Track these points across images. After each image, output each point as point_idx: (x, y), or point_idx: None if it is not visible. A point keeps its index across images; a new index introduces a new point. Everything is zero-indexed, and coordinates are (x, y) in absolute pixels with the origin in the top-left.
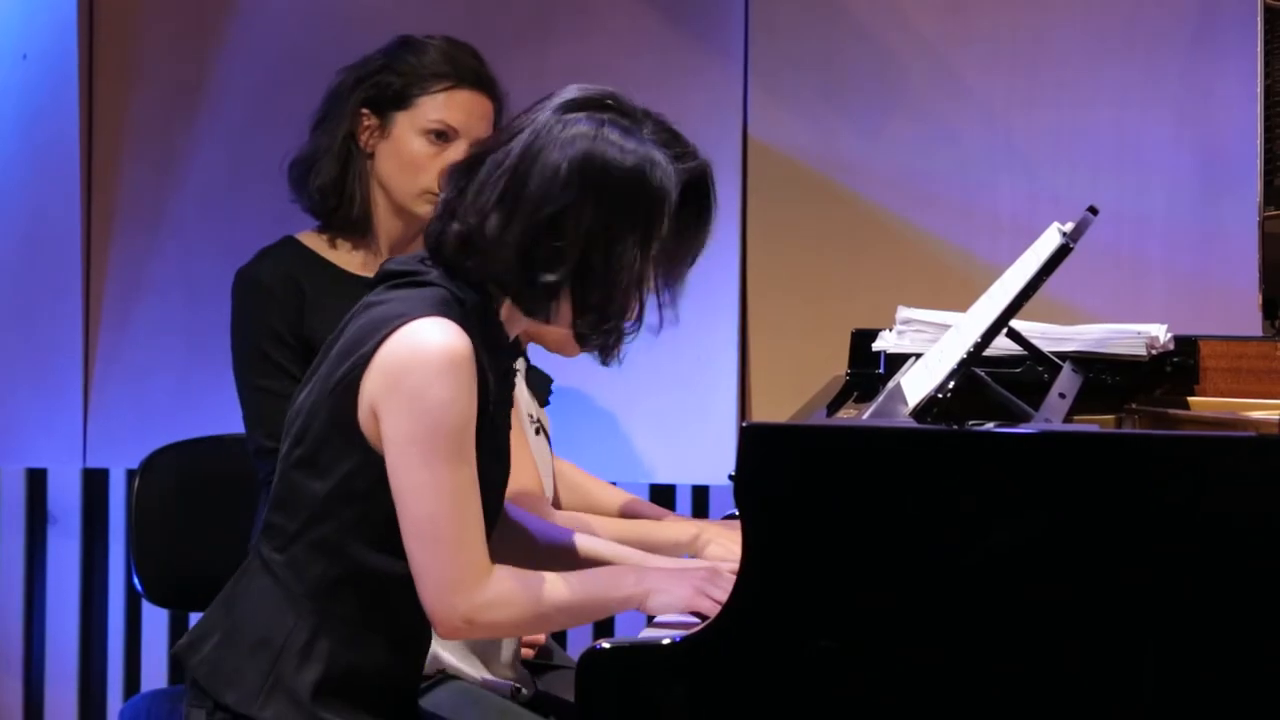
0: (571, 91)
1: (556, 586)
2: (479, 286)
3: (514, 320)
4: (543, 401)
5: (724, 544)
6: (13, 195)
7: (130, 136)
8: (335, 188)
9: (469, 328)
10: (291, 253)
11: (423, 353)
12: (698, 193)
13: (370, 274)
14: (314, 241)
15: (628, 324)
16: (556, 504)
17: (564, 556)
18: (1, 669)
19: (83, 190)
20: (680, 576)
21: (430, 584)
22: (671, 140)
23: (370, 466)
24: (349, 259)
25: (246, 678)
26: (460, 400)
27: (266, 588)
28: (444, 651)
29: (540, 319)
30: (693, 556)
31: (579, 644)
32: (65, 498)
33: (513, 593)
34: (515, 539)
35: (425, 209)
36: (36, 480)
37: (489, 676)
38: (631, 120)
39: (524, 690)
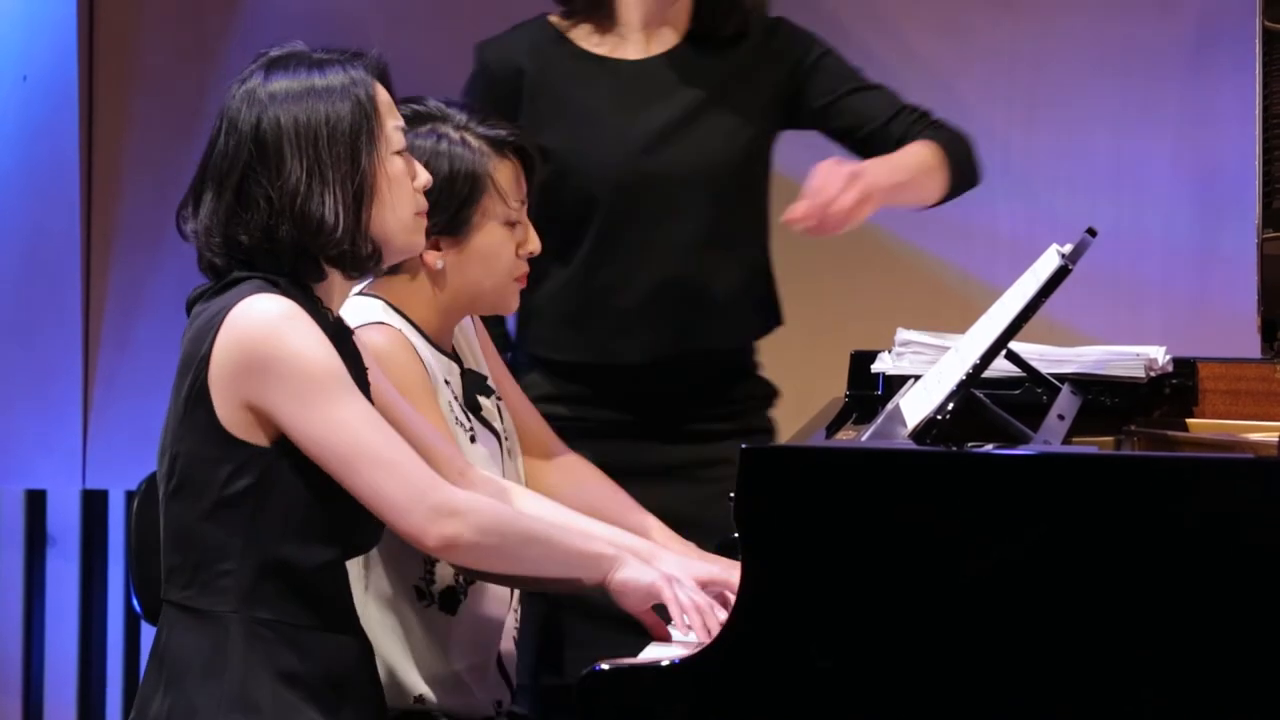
0: (250, 65)
1: (530, 520)
2: (276, 273)
3: (324, 291)
4: (474, 402)
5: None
6: (13, 215)
7: (130, 156)
8: None
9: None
10: (532, 31)
11: (259, 324)
12: (388, 82)
13: (617, 57)
14: (557, 21)
15: (390, 229)
16: None
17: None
18: (0, 690)
19: (82, 210)
20: (651, 564)
21: (398, 506)
22: (339, 53)
23: (247, 462)
24: (590, 40)
25: (202, 710)
26: (314, 343)
27: (188, 624)
28: (421, 683)
29: (311, 275)
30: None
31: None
32: (64, 519)
33: (483, 501)
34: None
35: None
36: (36, 501)
37: (463, 703)
38: (300, 56)
39: (503, 703)
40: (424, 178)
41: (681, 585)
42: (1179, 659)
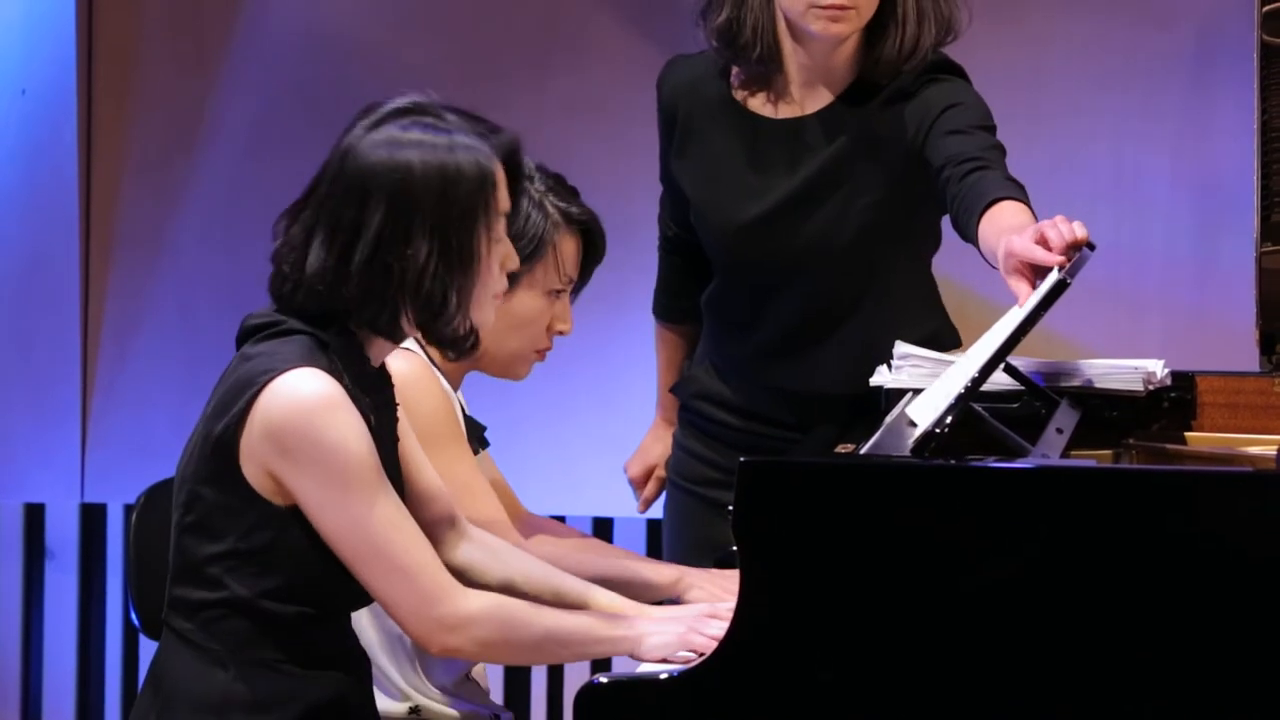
0: (376, 106)
1: (546, 611)
2: (335, 323)
3: (378, 348)
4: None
5: (707, 589)
6: (12, 229)
7: (129, 170)
8: (730, 25)
9: (336, 369)
10: (706, 63)
11: (299, 406)
12: (513, 165)
13: (763, 114)
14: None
15: (477, 313)
16: None
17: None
18: None
19: (81, 224)
20: (672, 619)
21: (405, 611)
22: (477, 123)
23: (266, 520)
24: (748, 89)
25: None
26: (352, 435)
27: (188, 657)
28: (414, 692)
29: (393, 337)
30: (676, 600)
31: (576, 679)
32: (63, 533)
33: (497, 603)
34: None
35: (817, 25)
36: (34, 515)
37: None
38: (435, 117)
39: (501, 717)
40: (513, 262)
41: (706, 624)
42: (1178, 672)
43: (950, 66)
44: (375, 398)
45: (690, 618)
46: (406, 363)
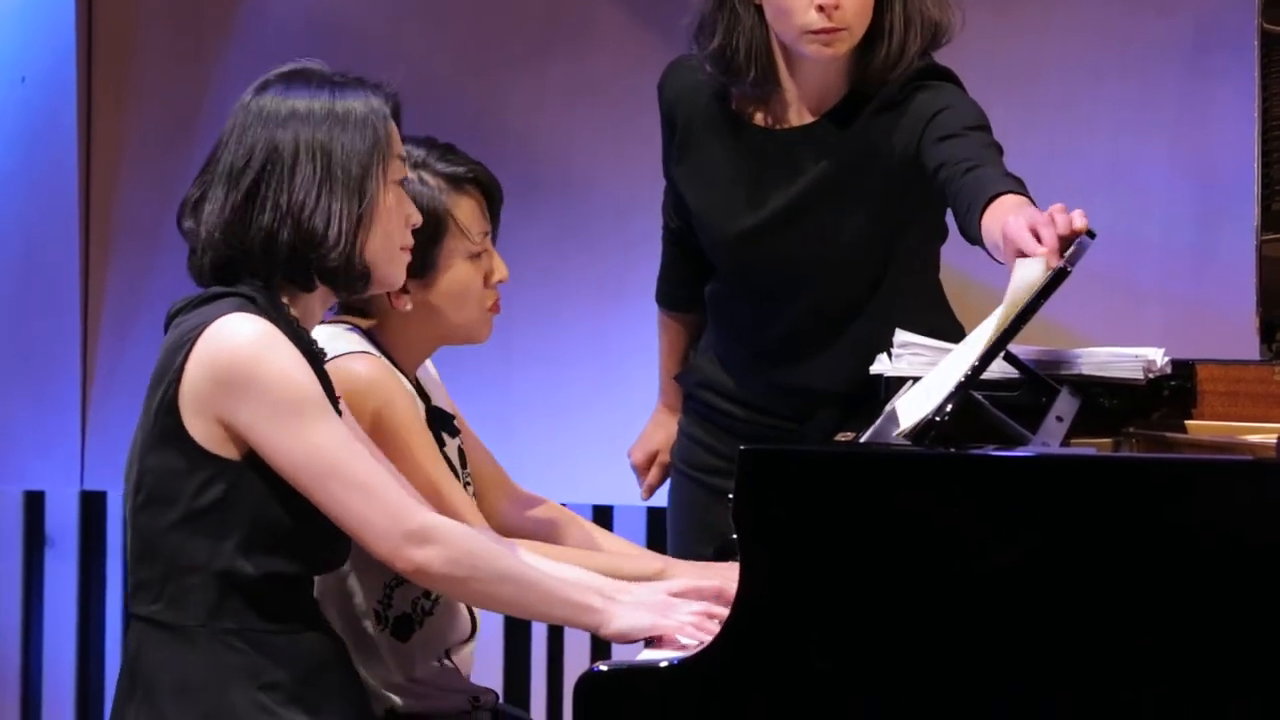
0: (266, 76)
1: (519, 558)
2: (248, 278)
3: (301, 306)
4: (439, 439)
5: (691, 579)
6: (11, 217)
7: (129, 158)
8: (724, 50)
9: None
10: (702, 74)
11: (237, 345)
12: (397, 116)
13: (761, 125)
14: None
15: (384, 265)
16: None
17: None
18: None
19: (81, 212)
20: (641, 605)
21: (369, 530)
22: (358, 80)
23: (217, 475)
24: (746, 101)
25: None
26: (292, 365)
27: (158, 640)
28: (392, 693)
29: (299, 282)
30: None
31: (576, 668)
32: (63, 520)
33: (465, 529)
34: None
35: (811, 48)
36: (34, 502)
37: (432, 705)
38: (322, 77)
39: (481, 699)
40: (416, 217)
41: (675, 609)
42: (1177, 661)
43: (937, 72)
44: (311, 364)
45: (659, 604)
46: (368, 365)
